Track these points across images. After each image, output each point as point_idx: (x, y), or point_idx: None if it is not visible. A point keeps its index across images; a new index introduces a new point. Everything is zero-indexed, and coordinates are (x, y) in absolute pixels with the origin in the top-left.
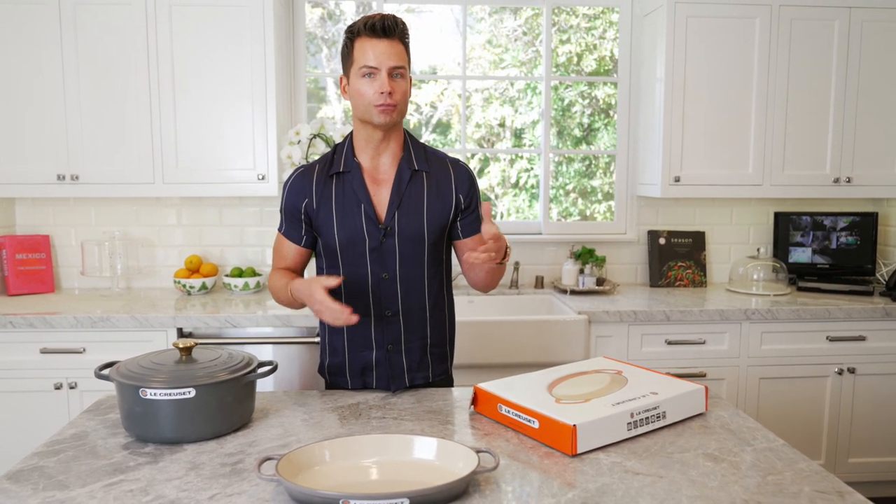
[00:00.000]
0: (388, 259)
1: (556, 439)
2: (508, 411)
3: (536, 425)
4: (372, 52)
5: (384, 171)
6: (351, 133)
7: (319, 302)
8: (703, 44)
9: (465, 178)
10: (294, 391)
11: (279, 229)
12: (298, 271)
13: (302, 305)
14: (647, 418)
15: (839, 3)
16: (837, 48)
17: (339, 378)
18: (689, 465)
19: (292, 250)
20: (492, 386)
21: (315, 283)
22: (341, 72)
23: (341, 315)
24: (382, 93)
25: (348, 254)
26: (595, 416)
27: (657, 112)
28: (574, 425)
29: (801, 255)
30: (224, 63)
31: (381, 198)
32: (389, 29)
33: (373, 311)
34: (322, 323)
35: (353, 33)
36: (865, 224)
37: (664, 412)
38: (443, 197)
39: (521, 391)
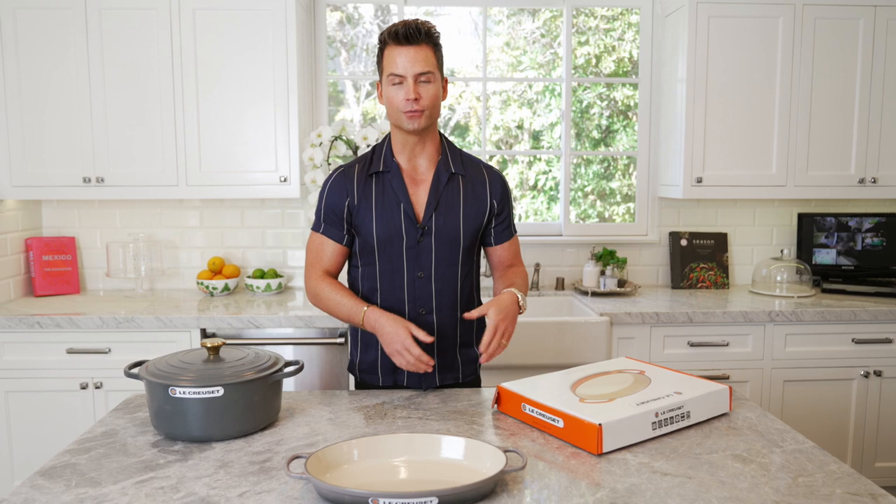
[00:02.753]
0: (424, 258)
1: (582, 438)
2: (532, 410)
3: (561, 424)
4: (398, 59)
5: (422, 172)
6: (388, 135)
7: (404, 346)
8: (726, 44)
9: (499, 185)
10: (319, 391)
11: (315, 229)
12: (337, 271)
13: (354, 324)
14: (671, 418)
15: (864, 1)
16: (862, 47)
17: (369, 375)
18: (717, 467)
19: (332, 249)
20: (515, 385)
21: (403, 326)
22: (358, 76)
23: (421, 364)
24: (408, 100)
25: (385, 251)
26: (620, 416)
27: (679, 113)
28: (599, 424)
29: (825, 257)
30: (246, 66)
31: (419, 198)
32: (413, 36)
33: (407, 309)
34: None
35: (382, 42)
36: (891, 225)
37: (688, 412)
38: (478, 201)
39: (544, 391)
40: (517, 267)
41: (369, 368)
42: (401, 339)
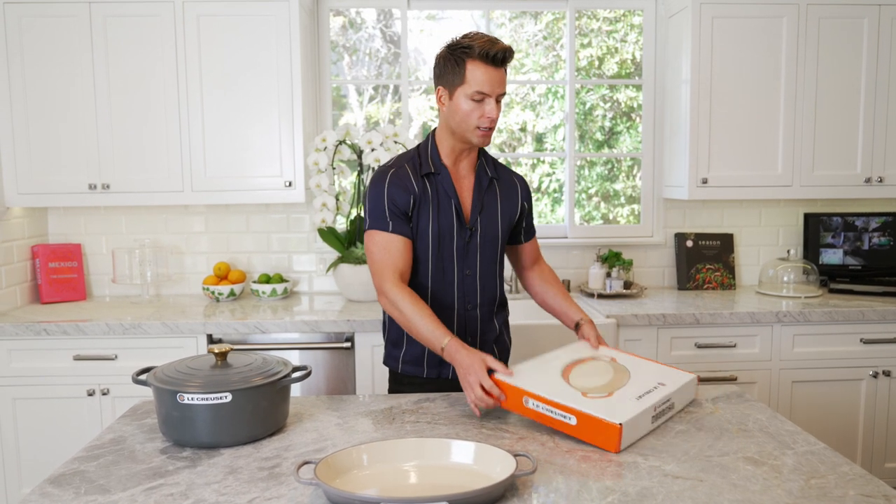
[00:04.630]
0: (471, 257)
1: (599, 437)
2: (538, 406)
3: (574, 422)
4: (486, 78)
5: (464, 175)
6: (431, 137)
7: (478, 379)
8: (730, 44)
9: (526, 188)
10: (326, 396)
11: (378, 228)
12: (409, 270)
13: (428, 346)
14: (663, 411)
15: (868, 0)
16: (867, 46)
17: (413, 367)
18: (729, 469)
19: (402, 246)
20: (509, 379)
21: (480, 359)
22: (361, 80)
23: (487, 400)
24: (490, 118)
25: (437, 249)
26: (633, 413)
27: (683, 114)
28: (620, 424)
29: (832, 257)
30: (251, 72)
31: (464, 200)
32: (506, 60)
33: (456, 305)
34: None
35: (467, 54)
36: None
37: (673, 403)
38: (511, 202)
39: (541, 383)
40: (548, 268)
41: (414, 360)
42: (475, 373)
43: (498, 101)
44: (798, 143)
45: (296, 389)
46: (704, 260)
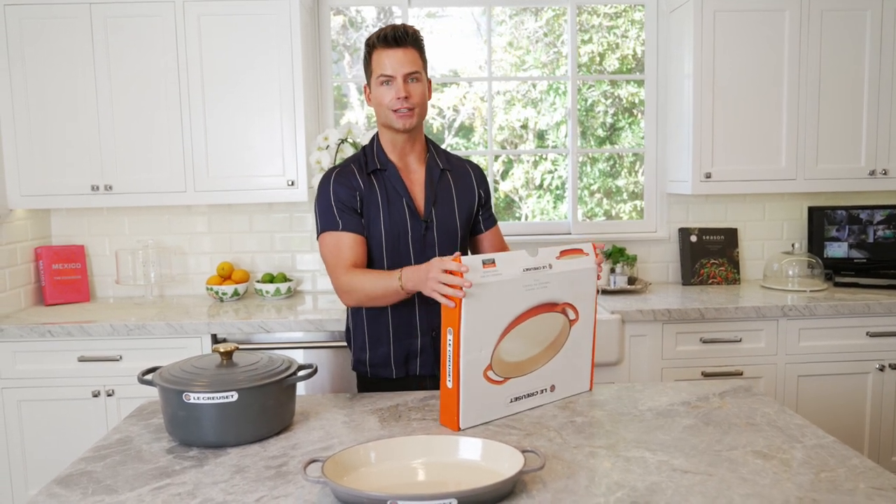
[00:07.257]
0: (429, 250)
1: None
2: (449, 343)
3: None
4: (387, 61)
5: (414, 169)
6: (376, 136)
7: (439, 268)
8: (732, 38)
9: (482, 176)
10: (332, 394)
11: (329, 228)
12: (363, 265)
13: (395, 297)
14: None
15: None
16: (870, 39)
17: (382, 369)
18: (738, 463)
19: (352, 242)
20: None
21: (436, 259)
22: (365, 80)
23: (458, 283)
24: (399, 98)
25: (392, 247)
26: (482, 418)
27: (686, 108)
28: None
29: (836, 250)
30: (252, 71)
31: (416, 194)
32: (400, 38)
33: (417, 299)
34: (357, 318)
35: (370, 46)
36: None
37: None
38: (467, 192)
39: (477, 319)
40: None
41: (382, 362)
42: (434, 267)
43: (409, 81)
44: (801, 137)
45: (301, 388)
46: (708, 255)
